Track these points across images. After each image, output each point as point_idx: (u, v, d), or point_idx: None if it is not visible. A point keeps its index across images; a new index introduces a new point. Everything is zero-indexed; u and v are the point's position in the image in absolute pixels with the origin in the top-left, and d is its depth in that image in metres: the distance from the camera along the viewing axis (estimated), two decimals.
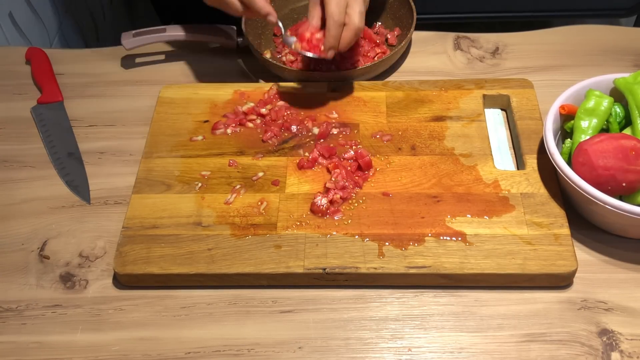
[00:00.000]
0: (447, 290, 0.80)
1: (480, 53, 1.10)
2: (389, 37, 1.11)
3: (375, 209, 0.85)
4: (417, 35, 1.13)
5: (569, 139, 0.85)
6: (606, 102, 0.84)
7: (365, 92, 1.00)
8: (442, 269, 0.78)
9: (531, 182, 0.86)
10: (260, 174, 0.89)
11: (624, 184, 0.77)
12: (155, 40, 1.10)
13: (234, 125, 0.96)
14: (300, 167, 0.90)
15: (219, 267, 0.80)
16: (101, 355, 0.76)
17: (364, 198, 0.86)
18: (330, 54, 0.93)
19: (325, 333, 0.77)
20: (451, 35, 1.13)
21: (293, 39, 0.96)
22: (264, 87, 1.02)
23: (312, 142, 0.93)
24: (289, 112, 0.97)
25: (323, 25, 0.93)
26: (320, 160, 0.90)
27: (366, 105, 0.98)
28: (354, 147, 0.92)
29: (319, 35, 0.93)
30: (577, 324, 0.76)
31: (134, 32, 1.09)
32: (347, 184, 0.86)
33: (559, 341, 0.74)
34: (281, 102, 0.98)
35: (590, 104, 0.84)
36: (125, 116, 1.03)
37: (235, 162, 0.91)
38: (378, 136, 0.93)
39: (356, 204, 0.85)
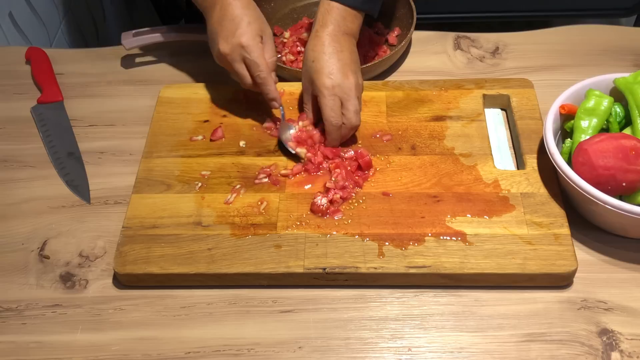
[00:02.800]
0: (447, 290, 0.80)
1: (480, 53, 1.10)
2: (389, 37, 1.11)
3: (375, 208, 0.85)
4: (417, 35, 1.13)
5: (569, 139, 0.85)
6: (606, 101, 0.84)
7: (365, 92, 0.99)
8: (442, 268, 0.78)
9: (531, 182, 0.86)
10: (261, 176, 0.89)
11: (624, 184, 0.77)
12: (155, 40, 1.10)
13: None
14: (306, 171, 0.89)
15: (219, 267, 0.80)
16: (101, 355, 0.76)
17: (364, 198, 0.86)
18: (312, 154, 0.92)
19: (325, 333, 0.77)
20: (451, 35, 1.13)
21: (290, 133, 0.92)
22: None
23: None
24: None
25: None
26: (324, 164, 0.90)
27: (366, 105, 0.98)
28: (353, 145, 0.92)
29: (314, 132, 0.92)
30: (577, 324, 0.76)
31: (134, 32, 1.09)
32: (347, 184, 0.86)
33: (559, 341, 0.74)
34: None
35: (590, 103, 0.84)
36: (125, 116, 1.03)
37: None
38: (378, 136, 0.93)
39: (356, 204, 0.85)
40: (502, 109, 0.99)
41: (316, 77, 0.89)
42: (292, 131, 0.93)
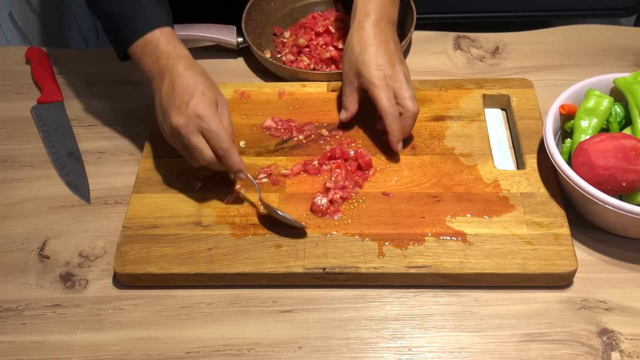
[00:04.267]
0: (447, 290, 0.80)
1: (480, 53, 1.10)
2: None
3: (375, 208, 0.85)
4: (417, 35, 1.13)
5: (569, 139, 0.85)
6: (606, 101, 0.84)
7: (365, 92, 0.99)
8: (442, 268, 0.78)
9: (531, 182, 0.86)
10: (262, 176, 0.89)
11: (624, 184, 0.77)
12: None
13: None
14: (306, 171, 0.89)
15: (219, 267, 0.80)
16: (101, 355, 0.76)
17: (364, 198, 0.86)
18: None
19: (325, 333, 0.77)
20: (451, 35, 1.13)
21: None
22: (264, 87, 1.02)
23: (310, 143, 0.93)
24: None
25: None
26: (324, 167, 0.90)
27: (366, 105, 0.98)
28: (352, 144, 0.92)
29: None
30: (577, 324, 0.76)
31: None
32: (347, 183, 0.86)
33: (559, 341, 0.74)
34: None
35: (590, 103, 0.84)
36: (125, 116, 1.03)
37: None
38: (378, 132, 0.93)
39: (356, 204, 0.85)
40: (502, 109, 0.99)
41: (365, 70, 0.89)
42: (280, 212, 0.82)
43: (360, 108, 0.97)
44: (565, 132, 0.88)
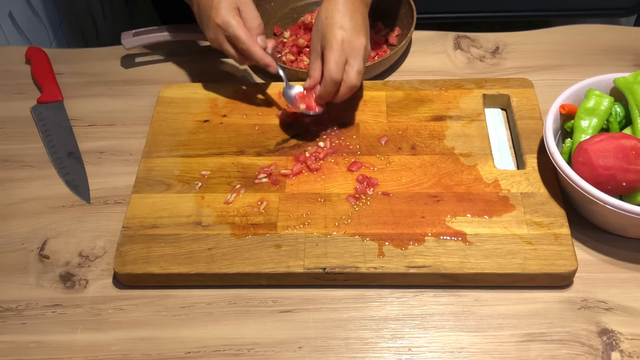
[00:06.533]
0: (447, 290, 0.80)
1: (481, 52, 1.10)
2: (389, 37, 1.11)
3: (375, 208, 0.85)
4: (417, 35, 1.13)
5: (569, 139, 0.85)
6: (606, 101, 0.84)
7: (365, 92, 1.00)
8: (442, 268, 0.78)
9: (531, 182, 0.86)
10: (261, 176, 0.89)
11: (624, 184, 0.77)
12: (155, 40, 1.10)
13: None
14: (306, 166, 0.89)
15: (219, 267, 0.80)
16: (101, 355, 0.76)
17: (364, 198, 0.86)
18: (319, 109, 0.93)
19: (325, 333, 0.77)
20: (451, 35, 1.13)
21: (293, 95, 0.95)
22: (264, 87, 1.02)
23: (308, 143, 0.93)
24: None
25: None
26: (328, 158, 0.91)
27: (366, 105, 0.98)
28: (351, 143, 0.92)
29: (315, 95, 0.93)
30: (577, 324, 0.76)
31: (133, 31, 1.09)
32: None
33: (559, 341, 0.74)
34: None
35: (591, 103, 0.84)
36: (125, 116, 1.03)
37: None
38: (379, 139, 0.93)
39: (357, 204, 0.85)
40: (502, 109, 0.99)
41: (328, 31, 0.88)
42: (293, 96, 0.95)
43: (359, 108, 0.97)
44: (565, 132, 0.88)
